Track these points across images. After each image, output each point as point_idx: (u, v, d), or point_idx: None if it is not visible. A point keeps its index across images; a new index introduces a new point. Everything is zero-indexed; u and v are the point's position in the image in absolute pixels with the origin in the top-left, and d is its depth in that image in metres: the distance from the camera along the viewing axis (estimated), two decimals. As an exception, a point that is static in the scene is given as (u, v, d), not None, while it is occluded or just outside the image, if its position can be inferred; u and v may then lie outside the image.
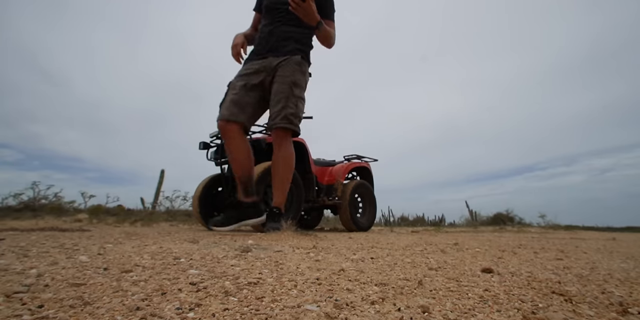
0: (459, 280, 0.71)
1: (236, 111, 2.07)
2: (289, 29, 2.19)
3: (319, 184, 3.69)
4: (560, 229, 6.42)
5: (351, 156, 4.23)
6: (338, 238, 2.12)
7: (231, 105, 2.07)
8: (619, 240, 3.01)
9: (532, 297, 0.59)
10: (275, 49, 2.16)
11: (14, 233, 1.52)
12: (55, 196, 5.14)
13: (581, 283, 0.73)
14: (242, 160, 2.09)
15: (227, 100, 2.09)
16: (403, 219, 8.16)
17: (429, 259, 1.11)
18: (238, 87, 2.10)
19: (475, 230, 5.49)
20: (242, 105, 2.09)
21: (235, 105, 2.08)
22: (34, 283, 0.51)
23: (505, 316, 0.48)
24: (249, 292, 0.52)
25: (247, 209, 2.07)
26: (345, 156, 4.25)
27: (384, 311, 0.46)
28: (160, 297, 0.47)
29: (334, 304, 0.47)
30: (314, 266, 0.81)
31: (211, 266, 0.73)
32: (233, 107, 2.07)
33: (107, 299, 0.45)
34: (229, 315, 0.42)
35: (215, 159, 3.26)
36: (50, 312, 0.39)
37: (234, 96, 2.08)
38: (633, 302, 0.56)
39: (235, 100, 2.08)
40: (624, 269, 0.99)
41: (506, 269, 0.92)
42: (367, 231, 3.86)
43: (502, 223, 7.36)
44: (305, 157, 3.42)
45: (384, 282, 0.64)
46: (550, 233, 4.60)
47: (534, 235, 3.61)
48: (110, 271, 0.63)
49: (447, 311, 0.48)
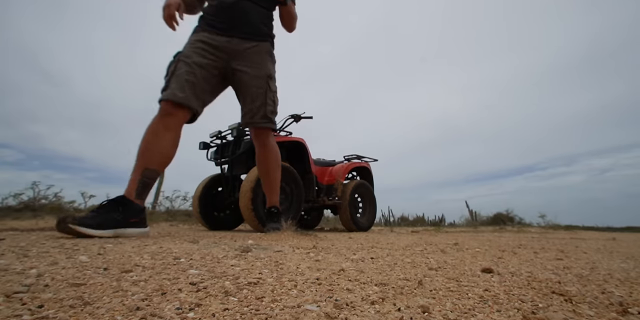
0: (459, 280, 0.71)
1: (192, 96, 1.70)
2: (252, 6, 1.88)
3: (319, 184, 3.69)
4: (560, 229, 6.42)
5: (351, 156, 4.23)
6: (338, 238, 2.12)
7: (187, 86, 1.69)
8: (619, 240, 3.01)
9: (532, 297, 0.59)
10: (241, 29, 1.85)
11: (14, 233, 1.52)
12: (55, 196, 5.14)
13: (581, 283, 0.73)
14: (169, 157, 1.67)
15: (182, 77, 1.68)
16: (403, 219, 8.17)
17: (429, 259, 1.11)
18: (194, 65, 1.73)
19: (475, 230, 5.49)
20: (198, 90, 1.73)
21: (192, 88, 1.70)
22: (34, 283, 0.51)
23: (505, 316, 0.48)
24: (249, 292, 0.52)
25: (133, 214, 1.50)
26: (345, 156, 4.25)
27: (384, 311, 0.46)
28: (160, 297, 0.47)
29: (334, 304, 0.47)
30: (314, 266, 0.81)
31: (211, 266, 0.73)
32: (189, 89, 1.69)
33: (107, 299, 0.45)
34: (229, 315, 0.42)
35: (215, 159, 3.26)
36: (50, 312, 0.39)
37: (190, 76, 1.71)
38: (633, 302, 0.56)
39: (193, 83, 1.71)
40: (624, 269, 0.99)
41: (506, 269, 0.92)
42: (367, 231, 3.86)
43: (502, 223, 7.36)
44: (305, 157, 3.42)
45: (384, 282, 0.64)
46: (550, 233, 4.59)
47: (534, 235, 3.61)
48: (110, 271, 0.63)
49: (447, 311, 0.48)
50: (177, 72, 1.71)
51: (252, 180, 2.60)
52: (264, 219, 2.60)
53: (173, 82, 1.68)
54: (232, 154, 3.02)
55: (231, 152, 3.04)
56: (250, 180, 2.60)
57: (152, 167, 1.59)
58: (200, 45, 1.78)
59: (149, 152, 1.59)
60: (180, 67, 1.73)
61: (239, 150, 2.98)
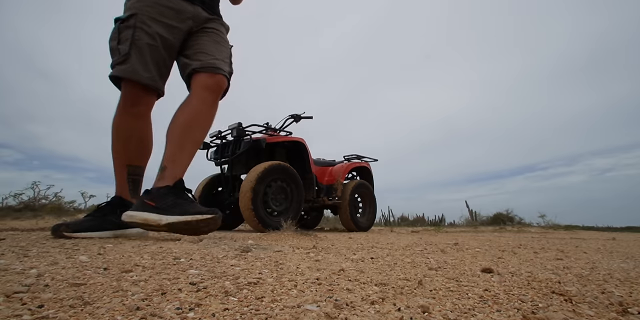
0: (458, 280, 0.71)
1: (157, 75, 1.44)
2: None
3: (319, 184, 3.69)
4: (560, 228, 6.42)
5: (351, 156, 4.23)
6: (338, 238, 2.12)
7: (152, 63, 1.41)
8: (619, 240, 3.01)
9: (532, 297, 0.59)
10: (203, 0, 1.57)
11: (14, 233, 1.52)
12: (55, 196, 5.15)
13: (581, 283, 0.73)
14: (149, 149, 1.53)
15: (144, 51, 1.39)
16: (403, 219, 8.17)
17: (429, 259, 1.11)
18: (157, 36, 1.41)
19: (475, 230, 5.49)
20: (163, 67, 1.47)
21: (157, 66, 1.44)
22: (34, 283, 0.51)
23: (505, 316, 0.48)
24: (249, 292, 0.52)
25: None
26: (345, 156, 4.26)
27: (384, 311, 0.46)
28: (160, 297, 0.47)
29: (334, 304, 0.47)
30: (313, 266, 0.81)
31: (211, 266, 0.73)
32: (154, 67, 1.42)
33: (107, 299, 0.45)
34: (229, 315, 0.42)
35: (215, 159, 3.26)
36: (50, 312, 0.39)
37: (154, 51, 1.41)
38: (633, 302, 0.56)
39: (157, 59, 1.43)
40: (624, 269, 0.99)
41: (506, 268, 0.92)
42: (367, 231, 3.86)
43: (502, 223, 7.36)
44: (305, 157, 3.42)
45: (383, 282, 0.64)
46: (550, 233, 4.59)
47: (534, 235, 3.61)
48: (110, 271, 0.63)
49: (447, 311, 0.48)
50: (138, 43, 1.37)
51: (252, 180, 2.60)
52: (264, 218, 2.61)
53: (134, 56, 1.36)
54: (232, 154, 3.02)
55: (231, 152, 3.04)
56: (250, 180, 2.60)
57: (134, 164, 1.49)
58: (161, 9, 1.43)
59: (126, 148, 1.46)
60: (140, 36, 1.38)
61: (238, 150, 2.98)
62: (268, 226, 2.57)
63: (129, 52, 1.37)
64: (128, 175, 1.49)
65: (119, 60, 1.38)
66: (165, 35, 1.44)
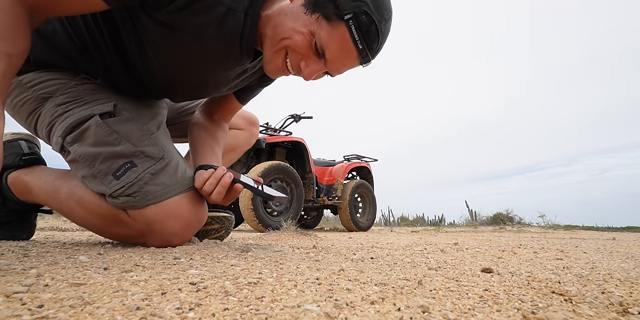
0: (458, 280, 0.71)
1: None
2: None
3: (319, 184, 3.69)
4: (560, 228, 6.42)
5: (351, 156, 4.23)
6: (338, 238, 2.12)
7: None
8: (618, 240, 3.01)
9: (532, 297, 0.59)
10: None
11: (14, 233, 1.51)
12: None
13: (581, 283, 0.73)
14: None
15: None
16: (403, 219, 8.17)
17: (428, 259, 1.11)
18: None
19: (475, 230, 5.49)
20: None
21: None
22: (34, 283, 0.51)
23: (505, 316, 0.48)
24: (249, 292, 0.52)
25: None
26: (345, 156, 4.26)
27: (384, 311, 0.46)
28: (160, 297, 0.47)
29: (334, 304, 0.47)
30: (313, 266, 0.81)
31: (211, 266, 0.73)
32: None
33: (107, 299, 0.45)
34: (229, 315, 0.42)
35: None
36: (50, 312, 0.39)
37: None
38: (633, 302, 0.56)
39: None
40: (624, 269, 0.99)
41: (506, 268, 0.92)
42: (367, 231, 3.86)
43: (502, 223, 7.37)
44: (305, 157, 3.42)
45: (383, 282, 0.64)
46: (550, 233, 4.60)
47: (534, 235, 3.61)
48: (111, 271, 0.63)
49: (447, 311, 0.48)
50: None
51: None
52: (264, 218, 2.60)
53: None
54: (232, 153, 3.01)
55: (231, 152, 3.03)
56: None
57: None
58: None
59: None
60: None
61: (238, 150, 2.97)
62: (268, 226, 2.57)
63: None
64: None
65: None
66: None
